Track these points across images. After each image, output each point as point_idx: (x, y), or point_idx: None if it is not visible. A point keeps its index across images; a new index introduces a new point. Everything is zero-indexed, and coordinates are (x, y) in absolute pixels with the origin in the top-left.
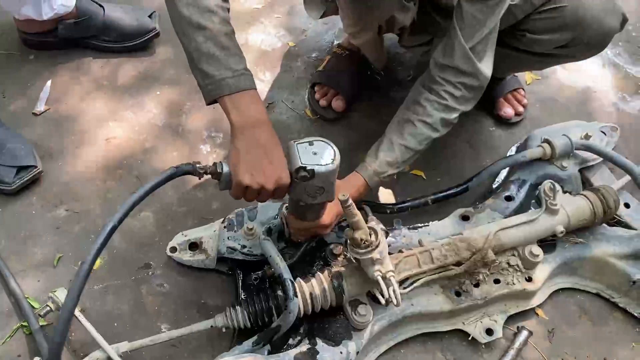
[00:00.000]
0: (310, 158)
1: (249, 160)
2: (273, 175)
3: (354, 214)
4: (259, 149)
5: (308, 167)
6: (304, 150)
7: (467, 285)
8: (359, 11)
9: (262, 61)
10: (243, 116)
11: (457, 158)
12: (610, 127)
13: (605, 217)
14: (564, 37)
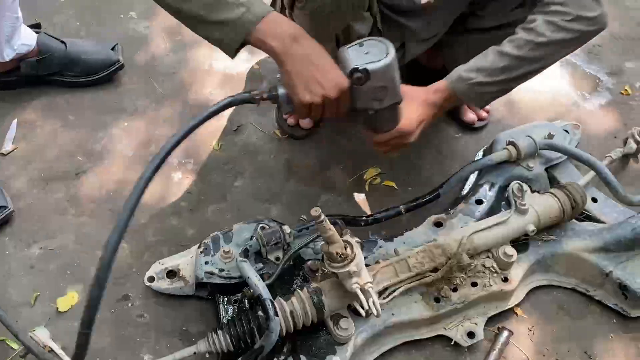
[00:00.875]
0: (363, 58)
1: (302, 78)
2: (330, 83)
3: (328, 229)
4: (308, 64)
5: (361, 67)
6: (355, 52)
7: (446, 291)
8: (314, 21)
9: (227, 85)
10: (279, 39)
11: (426, 167)
12: (573, 125)
13: (574, 213)
14: None
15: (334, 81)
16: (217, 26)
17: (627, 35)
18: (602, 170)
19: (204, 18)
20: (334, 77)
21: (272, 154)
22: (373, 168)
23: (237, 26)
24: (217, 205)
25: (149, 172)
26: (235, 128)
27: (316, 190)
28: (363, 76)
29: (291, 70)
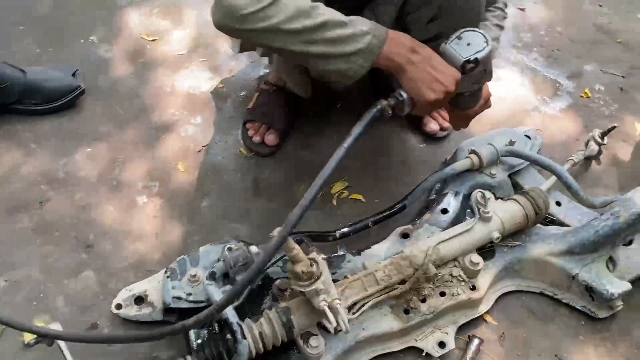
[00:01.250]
0: (467, 49)
1: (424, 81)
2: (448, 79)
3: (292, 248)
4: (427, 68)
5: (472, 58)
6: (458, 46)
7: (415, 302)
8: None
9: (191, 105)
10: (401, 55)
11: (392, 178)
12: (534, 130)
13: (537, 218)
14: (435, 3)
15: (450, 77)
16: (344, 58)
17: (585, 39)
18: (562, 174)
19: (332, 54)
20: (450, 73)
21: (239, 172)
22: (340, 182)
23: (366, 54)
24: (184, 227)
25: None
26: (200, 148)
27: (284, 207)
28: (475, 65)
29: (414, 77)
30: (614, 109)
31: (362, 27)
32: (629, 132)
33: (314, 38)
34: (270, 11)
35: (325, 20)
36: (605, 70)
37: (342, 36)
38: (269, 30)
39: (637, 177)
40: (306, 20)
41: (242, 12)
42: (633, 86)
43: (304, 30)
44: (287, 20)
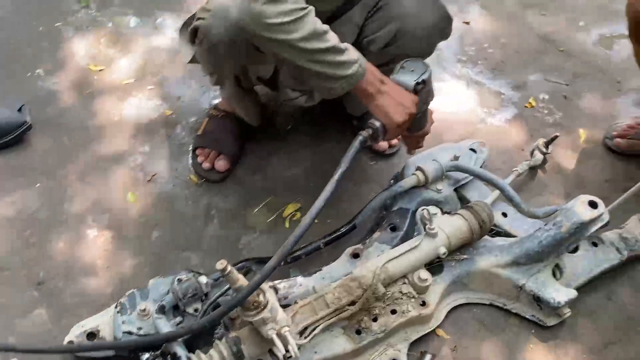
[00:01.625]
0: (414, 74)
1: (392, 107)
2: (409, 102)
3: (236, 279)
4: (392, 95)
5: (420, 80)
6: (405, 74)
7: (366, 322)
8: (210, 60)
9: (140, 134)
10: (374, 84)
11: (344, 197)
12: (479, 143)
13: (483, 231)
14: (392, 28)
15: (410, 100)
16: (335, 80)
17: (528, 49)
18: (504, 188)
19: (328, 74)
20: (409, 98)
21: (189, 200)
22: (292, 204)
23: (352, 79)
24: (135, 259)
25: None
26: (150, 178)
27: (236, 233)
28: (423, 86)
29: (383, 104)
30: (558, 117)
31: (352, 56)
32: (574, 139)
33: (319, 59)
34: (292, 26)
35: (332, 45)
36: (549, 79)
37: (339, 61)
38: (285, 42)
39: (582, 184)
40: (318, 42)
41: (268, 21)
42: (576, 93)
43: (314, 50)
44: (303, 38)
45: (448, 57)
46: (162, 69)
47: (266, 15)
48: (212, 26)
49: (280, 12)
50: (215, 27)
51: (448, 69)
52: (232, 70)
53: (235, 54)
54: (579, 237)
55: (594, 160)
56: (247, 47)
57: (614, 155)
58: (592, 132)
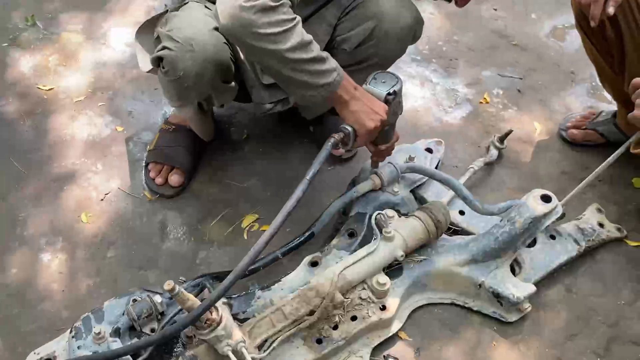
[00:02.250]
0: (385, 85)
1: (364, 113)
2: (381, 110)
3: (186, 299)
4: (364, 102)
5: (391, 91)
6: (376, 85)
7: (327, 330)
8: (174, 89)
9: (92, 152)
10: (348, 92)
11: (303, 205)
12: (435, 142)
13: (439, 231)
14: (368, 26)
15: (382, 108)
16: (315, 88)
17: (481, 45)
18: (457, 187)
19: (309, 83)
20: (380, 105)
21: (144, 217)
22: (250, 215)
23: (331, 86)
24: (91, 281)
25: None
26: (103, 197)
27: (193, 248)
28: (395, 96)
29: (356, 109)
30: (513, 112)
31: (332, 64)
32: (529, 132)
33: (303, 68)
34: (281, 37)
35: (315, 55)
36: (502, 74)
37: (320, 70)
38: (271, 52)
39: (538, 177)
40: (303, 52)
41: (257, 30)
42: (530, 87)
43: (298, 60)
44: (290, 49)
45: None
46: (113, 84)
47: (256, 25)
48: (180, 59)
49: (270, 22)
50: (182, 60)
51: (403, 69)
52: (196, 99)
53: (201, 87)
54: (533, 232)
55: (549, 152)
56: (214, 80)
57: (569, 146)
58: (547, 124)
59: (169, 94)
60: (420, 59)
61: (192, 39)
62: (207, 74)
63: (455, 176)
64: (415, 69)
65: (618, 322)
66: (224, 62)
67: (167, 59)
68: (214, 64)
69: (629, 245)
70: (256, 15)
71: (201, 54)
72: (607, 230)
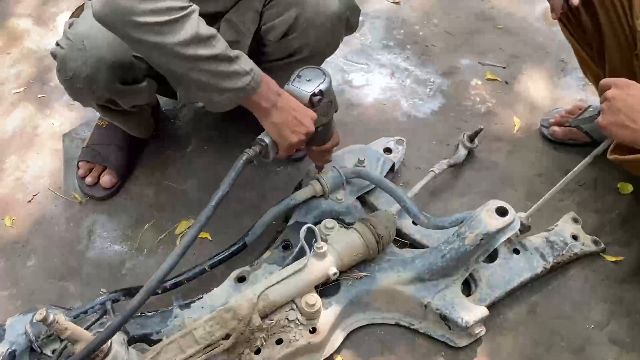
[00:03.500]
0: (310, 84)
1: (287, 125)
2: (307, 119)
3: (64, 328)
4: (288, 111)
5: (317, 91)
6: (300, 83)
7: (248, 355)
8: (70, 91)
9: (25, 149)
10: (269, 100)
11: (245, 210)
12: (396, 140)
13: (380, 245)
14: (290, 15)
15: (308, 117)
16: (219, 91)
17: (462, 29)
18: (400, 197)
19: (211, 85)
20: (306, 113)
21: (71, 221)
22: (185, 220)
23: (240, 91)
24: (7, 292)
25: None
26: (31, 198)
27: (121, 256)
28: (320, 97)
29: (277, 122)
30: (491, 105)
31: (244, 66)
32: (507, 128)
33: (200, 66)
34: (168, 28)
35: (218, 52)
36: (483, 62)
37: (225, 72)
38: (157, 45)
39: (510, 180)
40: (200, 49)
41: (137, 19)
42: (514, 77)
43: (194, 57)
44: (182, 43)
45: (373, 42)
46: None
47: (135, 12)
48: (69, 58)
49: (154, 9)
50: (72, 59)
51: (372, 56)
52: (94, 101)
53: (96, 90)
54: (487, 248)
55: (527, 152)
56: (111, 82)
57: (550, 145)
58: (528, 120)
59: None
60: (393, 45)
61: (85, 36)
62: (101, 76)
63: (417, 179)
64: (386, 56)
65: (584, 348)
66: (123, 63)
67: (58, 57)
68: (109, 66)
69: (605, 260)
70: (136, 1)
71: (94, 52)
72: (582, 243)
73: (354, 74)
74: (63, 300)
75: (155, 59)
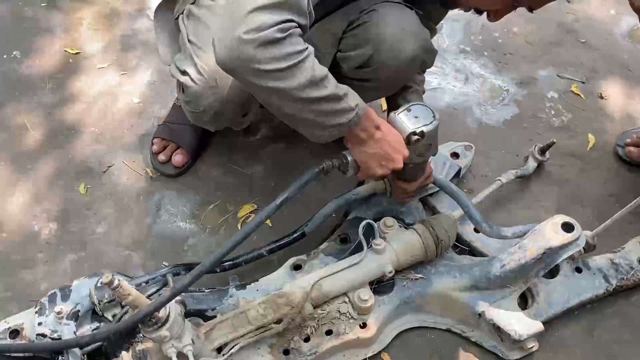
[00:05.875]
0: (415, 122)
1: (377, 157)
2: (399, 155)
3: (127, 294)
4: (383, 145)
5: (418, 131)
6: (407, 117)
7: (297, 342)
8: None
9: (104, 122)
10: (367, 132)
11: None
12: (464, 146)
13: (439, 249)
14: (365, 52)
15: (400, 154)
16: (326, 129)
17: (544, 40)
18: (464, 203)
19: (317, 123)
20: (401, 151)
21: (141, 195)
22: (248, 204)
23: (344, 127)
24: (76, 255)
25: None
26: (105, 169)
27: (185, 232)
28: (420, 138)
29: (369, 152)
30: (566, 119)
31: (351, 102)
32: (580, 145)
33: (313, 108)
34: (288, 73)
35: (330, 93)
36: (562, 75)
37: (333, 110)
38: (275, 90)
39: (579, 197)
40: (314, 91)
41: (260, 67)
42: (592, 92)
43: (308, 99)
44: (298, 87)
45: (450, 46)
46: (139, 54)
47: (258, 61)
48: (202, 96)
49: (275, 57)
50: (205, 97)
51: (448, 60)
52: (213, 127)
53: (219, 122)
54: (549, 263)
55: (599, 170)
56: (235, 116)
57: (624, 166)
58: (603, 138)
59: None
60: (470, 50)
61: (216, 72)
62: (229, 113)
63: (483, 187)
64: (461, 61)
65: None
66: (248, 99)
67: (189, 90)
68: (236, 104)
69: None
70: (258, 49)
71: (226, 92)
72: None
73: (427, 76)
74: (126, 269)
75: (269, 101)
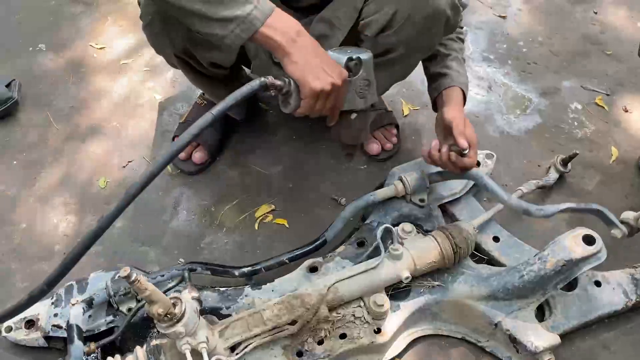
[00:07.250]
0: (350, 53)
1: (310, 67)
2: (335, 71)
3: (144, 288)
4: (314, 54)
5: (354, 57)
6: (339, 51)
7: (311, 344)
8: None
9: (125, 117)
10: (285, 34)
11: (320, 203)
12: (486, 155)
13: (457, 257)
14: (388, 10)
15: (337, 69)
16: (221, 23)
17: (568, 50)
18: (479, 177)
19: (208, 15)
20: (337, 67)
21: (160, 191)
22: (266, 204)
23: (245, 23)
24: (93, 248)
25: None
26: (126, 164)
27: (201, 230)
28: (358, 64)
29: (299, 62)
30: (589, 132)
31: None
32: (603, 157)
33: None
34: None
35: None
36: (586, 86)
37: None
38: None
39: None
40: None
41: None
42: (616, 105)
43: None
44: None
45: (473, 53)
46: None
47: None
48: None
49: None
50: (150, 3)
51: (471, 67)
52: (172, 50)
53: (169, 33)
54: (568, 276)
55: (621, 184)
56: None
57: None
58: (626, 151)
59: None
60: (493, 59)
61: None
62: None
63: None
64: (485, 69)
65: None
66: None
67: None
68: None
69: None
70: None
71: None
72: None
73: None
74: (142, 264)
75: None
